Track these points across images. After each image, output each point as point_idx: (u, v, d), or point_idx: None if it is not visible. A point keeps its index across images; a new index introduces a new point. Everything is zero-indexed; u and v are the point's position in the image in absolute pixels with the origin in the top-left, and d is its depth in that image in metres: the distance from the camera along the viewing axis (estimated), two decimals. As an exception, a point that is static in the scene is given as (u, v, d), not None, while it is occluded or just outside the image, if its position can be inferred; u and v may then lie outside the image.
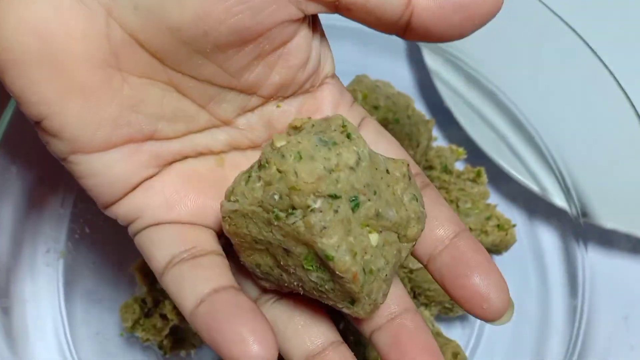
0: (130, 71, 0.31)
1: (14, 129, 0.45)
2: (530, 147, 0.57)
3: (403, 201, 0.30)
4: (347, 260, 0.28)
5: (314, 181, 0.27)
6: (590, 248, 0.52)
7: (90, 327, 0.50)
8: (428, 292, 0.49)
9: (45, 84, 0.29)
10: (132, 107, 0.31)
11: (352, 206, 0.28)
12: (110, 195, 0.32)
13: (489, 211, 0.51)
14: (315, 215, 0.27)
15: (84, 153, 0.31)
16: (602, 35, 0.56)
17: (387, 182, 0.30)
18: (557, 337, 0.52)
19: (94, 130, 0.30)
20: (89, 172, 0.32)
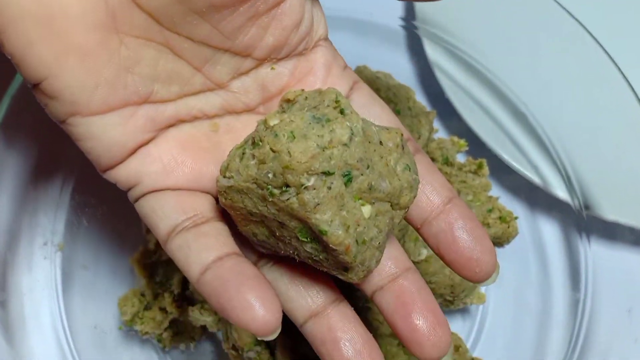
0: (126, 32, 0.31)
1: (10, 122, 0.44)
2: (532, 139, 0.56)
3: (396, 171, 0.31)
4: (340, 234, 0.28)
5: (307, 160, 0.28)
6: (592, 240, 0.52)
7: (88, 320, 0.50)
8: (429, 284, 0.49)
9: (42, 44, 0.29)
10: (128, 68, 0.31)
11: (345, 181, 0.29)
12: (108, 159, 0.33)
13: (491, 203, 0.51)
14: (308, 193, 0.28)
15: (82, 115, 0.31)
16: (605, 23, 0.56)
17: (381, 153, 0.30)
18: (559, 330, 0.52)
19: (91, 91, 0.31)
20: (87, 135, 0.32)
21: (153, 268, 0.53)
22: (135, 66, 0.32)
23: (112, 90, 0.31)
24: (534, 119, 0.56)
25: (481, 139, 0.57)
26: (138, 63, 0.32)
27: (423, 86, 0.63)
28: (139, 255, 0.52)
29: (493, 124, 0.58)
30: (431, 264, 0.48)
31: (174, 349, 0.53)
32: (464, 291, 0.50)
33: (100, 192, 0.53)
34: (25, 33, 0.29)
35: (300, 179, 0.28)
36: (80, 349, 0.48)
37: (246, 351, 0.46)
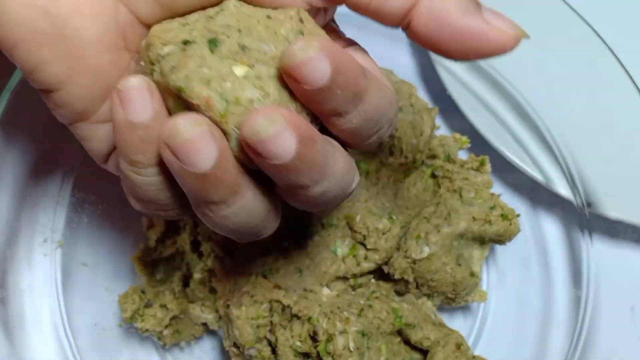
0: (136, 50, 0.31)
1: (9, 119, 0.44)
2: (534, 136, 0.56)
3: (288, 38, 0.29)
4: (195, 86, 0.27)
5: (164, 34, 0.28)
6: (595, 238, 0.51)
7: (88, 317, 0.50)
8: (431, 282, 0.49)
9: (56, 62, 0.30)
10: None
11: (210, 46, 0.28)
12: (107, 153, 0.34)
13: (493, 201, 0.51)
14: (165, 60, 0.28)
15: (89, 122, 0.32)
16: (609, 21, 0.55)
17: (266, 24, 0.29)
18: (561, 328, 0.52)
19: (100, 103, 0.31)
20: (92, 138, 0.33)
21: (154, 265, 0.52)
22: None
23: None
24: (537, 116, 0.56)
25: (483, 136, 0.57)
26: None
27: (425, 83, 0.63)
28: (140, 252, 0.52)
29: (495, 121, 0.58)
30: (433, 261, 0.48)
31: (174, 346, 0.53)
32: (466, 289, 0.50)
33: (100, 189, 0.53)
34: (37, 52, 0.29)
35: (158, 51, 0.28)
36: (81, 347, 0.48)
37: (247, 349, 0.45)
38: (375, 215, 0.48)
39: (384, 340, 0.47)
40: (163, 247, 0.52)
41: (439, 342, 0.47)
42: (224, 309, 0.47)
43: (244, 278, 0.47)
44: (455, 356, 0.47)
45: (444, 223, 0.49)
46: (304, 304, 0.45)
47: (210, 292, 0.50)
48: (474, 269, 0.51)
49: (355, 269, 0.48)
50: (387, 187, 0.51)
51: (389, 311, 0.46)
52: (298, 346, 0.45)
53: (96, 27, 0.30)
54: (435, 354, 0.47)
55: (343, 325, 0.44)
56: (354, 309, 0.45)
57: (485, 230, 0.50)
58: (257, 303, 0.46)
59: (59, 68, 0.30)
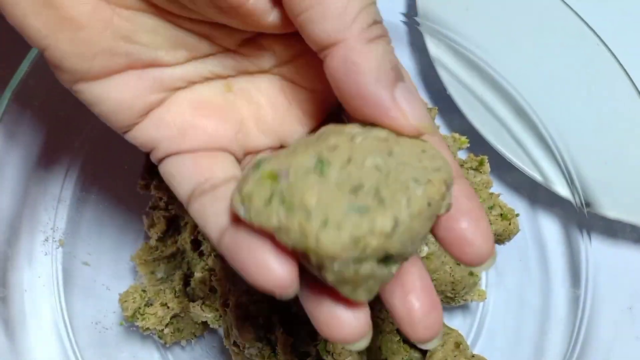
0: (117, 3, 0.31)
1: (11, 118, 0.44)
2: (533, 136, 0.56)
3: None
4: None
5: (336, 251, 0.25)
6: (593, 238, 0.52)
7: (89, 316, 0.50)
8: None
9: (36, 17, 0.30)
10: (126, 37, 0.31)
11: (377, 261, 0.27)
12: (121, 121, 0.33)
13: (492, 200, 0.51)
14: (331, 273, 0.26)
15: (85, 81, 0.32)
16: (608, 21, 0.55)
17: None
18: (559, 328, 0.52)
19: (90, 60, 0.31)
20: (95, 100, 0.32)
21: (154, 264, 0.53)
22: (133, 35, 0.31)
23: (112, 57, 0.31)
24: (535, 116, 0.56)
25: (483, 136, 0.57)
26: (135, 32, 0.31)
27: (424, 83, 0.63)
28: (141, 251, 0.52)
29: (495, 120, 0.58)
30: (432, 261, 0.48)
31: (175, 345, 0.53)
32: (465, 288, 0.50)
33: (101, 189, 0.53)
34: (19, 6, 0.30)
35: (325, 262, 0.26)
36: (81, 345, 0.48)
37: (247, 347, 0.46)
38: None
39: (383, 339, 0.47)
40: (164, 246, 0.53)
41: (438, 341, 0.48)
42: (225, 308, 0.48)
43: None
44: (454, 355, 0.47)
45: (443, 222, 0.49)
46: (304, 303, 0.46)
47: (210, 291, 0.50)
48: (473, 268, 0.51)
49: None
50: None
51: (388, 310, 0.46)
52: (298, 345, 0.45)
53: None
54: (434, 352, 0.47)
55: (343, 324, 0.44)
56: (354, 308, 0.45)
57: (484, 229, 0.50)
58: (257, 302, 0.46)
59: (40, 23, 0.30)
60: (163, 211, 0.52)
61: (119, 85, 0.32)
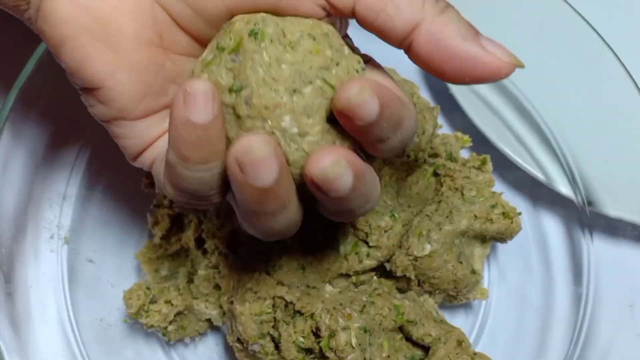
0: (170, 49, 0.34)
1: (17, 116, 0.45)
2: (535, 135, 0.56)
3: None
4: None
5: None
6: (595, 236, 0.52)
7: (93, 313, 0.50)
8: (432, 279, 0.49)
9: (98, 58, 0.32)
10: (171, 79, 0.34)
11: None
12: (138, 152, 0.36)
13: (494, 199, 0.51)
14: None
15: (127, 120, 0.34)
16: (609, 20, 0.56)
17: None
18: (561, 325, 0.52)
19: (139, 101, 0.33)
20: (128, 135, 0.35)
21: (158, 262, 0.53)
22: (178, 78, 0.34)
23: (157, 98, 0.34)
24: (537, 115, 0.56)
25: (485, 135, 0.57)
26: (180, 75, 0.34)
27: (427, 82, 0.63)
28: (145, 249, 0.53)
29: (497, 119, 0.59)
30: (434, 259, 0.49)
31: (179, 342, 0.53)
32: (467, 286, 0.51)
33: (106, 187, 0.53)
34: (82, 49, 0.31)
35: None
36: (86, 342, 0.48)
37: (251, 344, 0.46)
38: (378, 213, 0.48)
39: (385, 337, 0.47)
40: (168, 244, 0.53)
41: (441, 339, 0.48)
42: (228, 305, 0.48)
43: (247, 275, 0.48)
44: (456, 353, 0.47)
45: (445, 221, 0.49)
46: (306, 300, 0.46)
47: (214, 289, 0.50)
48: (475, 266, 0.52)
49: (357, 266, 0.48)
50: (389, 185, 0.52)
51: (391, 308, 0.47)
52: (301, 342, 0.45)
53: (136, 24, 0.32)
54: (436, 350, 0.47)
55: (345, 321, 0.44)
56: (356, 306, 0.46)
57: (486, 228, 0.50)
58: (261, 299, 0.46)
59: (101, 64, 0.32)
60: (167, 209, 0.52)
61: (153, 124, 0.35)
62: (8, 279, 0.45)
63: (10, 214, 0.46)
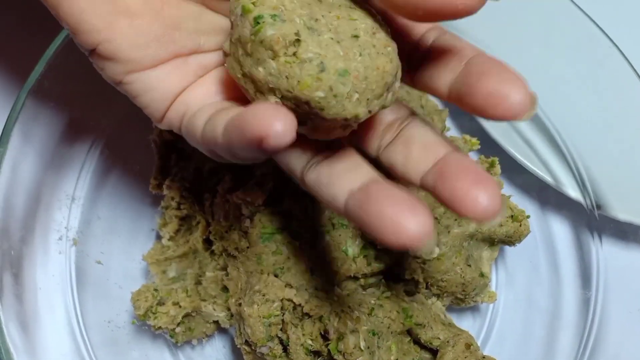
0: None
1: (27, 116, 0.45)
2: (544, 138, 0.56)
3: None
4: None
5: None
6: (604, 240, 0.52)
7: (101, 314, 0.50)
8: (441, 282, 0.49)
9: (93, 10, 0.32)
10: (174, 25, 0.34)
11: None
12: (164, 107, 0.36)
13: (503, 202, 0.51)
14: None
15: (137, 71, 0.34)
16: (618, 22, 0.56)
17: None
18: (569, 329, 0.52)
19: (143, 49, 0.34)
20: (145, 89, 0.35)
21: (166, 264, 0.53)
22: (180, 23, 0.34)
23: (162, 45, 0.34)
24: (546, 118, 0.56)
25: (493, 138, 0.57)
26: (182, 20, 0.34)
27: (435, 85, 0.63)
28: (153, 251, 0.53)
29: (505, 123, 0.58)
30: (443, 262, 0.49)
31: (186, 344, 0.53)
32: (475, 289, 0.51)
33: (114, 188, 0.53)
34: (77, 4, 0.32)
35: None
36: (94, 343, 0.48)
37: (259, 346, 0.46)
38: (386, 215, 0.48)
39: (394, 340, 0.47)
40: (176, 245, 0.53)
41: (449, 342, 0.48)
42: (236, 307, 0.48)
43: (255, 277, 0.48)
44: (464, 356, 0.47)
45: (454, 224, 0.49)
46: (315, 303, 0.46)
47: (222, 290, 0.50)
48: (483, 269, 0.51)
49: (365, 269, 0.48)
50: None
51: (399, 311, 0.47)
52: (309, 344, 0.45)
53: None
54: (445, 353, 0.47)
55: (354, 324, 0.44)
56: (365, 308, 0.46)
57: (495, 231, 0.50)
58: (269, 301, 0.46)
59: (98, 16, 0.32)
60: (175, 211, 0.52)
61: (168, 72, 0.35)
62: (17, 280, 0.45)
63: (20, 216, 0.46)
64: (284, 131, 0.26)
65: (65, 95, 0.46)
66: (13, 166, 0.44)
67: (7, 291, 0.43)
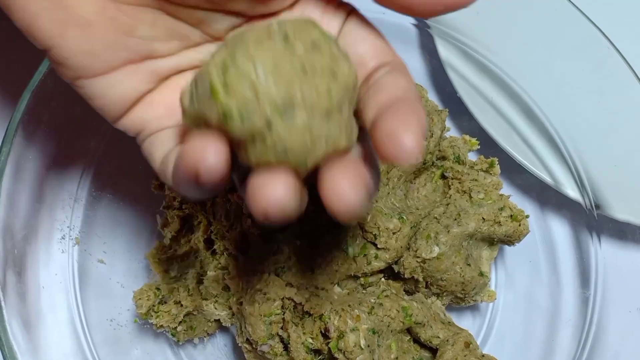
0: (121, 1, 0.33)
1: (29, 120, 0.45)
2: (543, 138, 0.57)
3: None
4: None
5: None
6: (603, 240, 0.52)
7: (103, 313, 0.51)
8: (440, 281, 0.49)
9: (44, 17, 0.32)
10: (127, 32, 0.33)
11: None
12: (116, 112, 0.35)
13: (502, 202, 0.51)
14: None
15: (87, 78, 0.33)
16: (617, 24, 0.56)
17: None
18: (569, 328, 0.52)
19: (94, 57, 0.33)
20: (95, 94, 0.34)
21: (168, 263, 0.53)
22: (134, 30, 0.33)
23: (114, 53, 0.33)
24: (545, 118, 0.56)
25: (493, 138, 0.58)
26: (135, 27, 0.33)
27: (435, 85, 0.63)
28: (155, 250, 0.53)
29: (505, 123, 0.59)
30: (442, 261, 0.49)
31: (187, 343, 0.53)
32: (475, 288, 0.51)
33: (116, 189, 0.54)
34: (27, 7, 0.31)
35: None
36: (96, 341, 0.48)
37: (260, 345, 0.46)
38: (386, 215, 0.49)
39: (394, 338, 0.47)
40: (177, 245, 0.53)
41: (448, 341, 0.48)
42: (237, 306, 0.48)
43: (256, 276, 0.48)
44: (464, 355, 0.47)
45: (453, 223, 0.50)
46: (315, 301, 0.46)
47: (223, 290, 0.51)
48: (483, 269, 0.52)
49: (365, 268, 0.48)
50: (397, 187, 0.52)
51: (399, 309, 0.47)
52: (310, 343, 0.46)
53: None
54: (444, 352, 0.48)
55: (354, 322, 0.45)
56: (365, 307, 0.46)
57: (494, 230, 0.50)
58: (270, 300, 0.46)
59: (49, 22, 0.32)
60: (177, 211, 0.53)
61: (119, 80, 0.34)
62: (20, 279, 0.45)
63: (23, 215, 0.46)
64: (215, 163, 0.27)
65: (68, 97, 0.46)
66: (16, 166, 0.45)
67: (10, 289, 0.43)
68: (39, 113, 0.46)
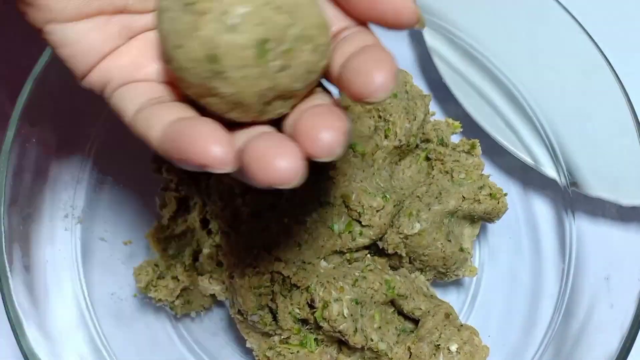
0: None
1: (34, 102, 0.48)
2: (524, 122, 0.59)
3: None
4: None
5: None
6: (577, 216, 0.54)
7: (106, 288, 0.53)
8: (422, 257, 0.52)
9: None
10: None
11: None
12: (84, 65, 0.34)
13: (482, 181, 0.53)
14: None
15: (57, 22, 0.33)
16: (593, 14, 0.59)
17: None
18: (549, 300, 0.54)
19: (66, 1, 0.32)
20: (64, 41, 0.34)
21: (166, 242, 0.56)
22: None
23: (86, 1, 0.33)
24: (526, 103, 0.58)
25: (477, 123, 0.60)
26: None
27: (422, 71, 0.66)
28: (154, 229, 0.56)
29: (488, 108, 0.61)
30: (424, 237, 0.51)
31: (185, 317, 0.56)
32: (456, 264, 0.53)
33: (117, 171, 0.56)
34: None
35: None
36: (99, 315, 0.51)
37: (250, 315, 0.49)
38: (370, 194, 0.51)
39: (377, 309, 0.50)
40: (175, 225, 0.56)
41: (430, 312, 0.51)
42: (230, 280, 0.51)
43: (247, 251, 0.50)
44: (444, 324, 0.50)
45: (434, 201, 0.52)
46: (302, 274, 0.49)
47: (217, 266, 0.53)
48: (464, 245, 0.54)
49: (350, 244, 0.51)
50: (382, 168, 0.54)
51: (382, 282, 0.49)
52: (297, 313, 0.48)
53: None
54: (425, 322, 0.50)
55: (338, 293, 0.47)
56: (349, 280, 0.49)
57: (474, 208, 0.53)
58: (260, 274, 0.49)
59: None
60: (174, 192, 0.55)
61: (89, 28, 0.33)
62: (26, 252, 0.47)
63: (27, 195, 0.48)
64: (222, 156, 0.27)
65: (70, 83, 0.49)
66: (21, 148, 0.47)
67: (16, 263, 0.46)
68: (42, 99, 0.48)
